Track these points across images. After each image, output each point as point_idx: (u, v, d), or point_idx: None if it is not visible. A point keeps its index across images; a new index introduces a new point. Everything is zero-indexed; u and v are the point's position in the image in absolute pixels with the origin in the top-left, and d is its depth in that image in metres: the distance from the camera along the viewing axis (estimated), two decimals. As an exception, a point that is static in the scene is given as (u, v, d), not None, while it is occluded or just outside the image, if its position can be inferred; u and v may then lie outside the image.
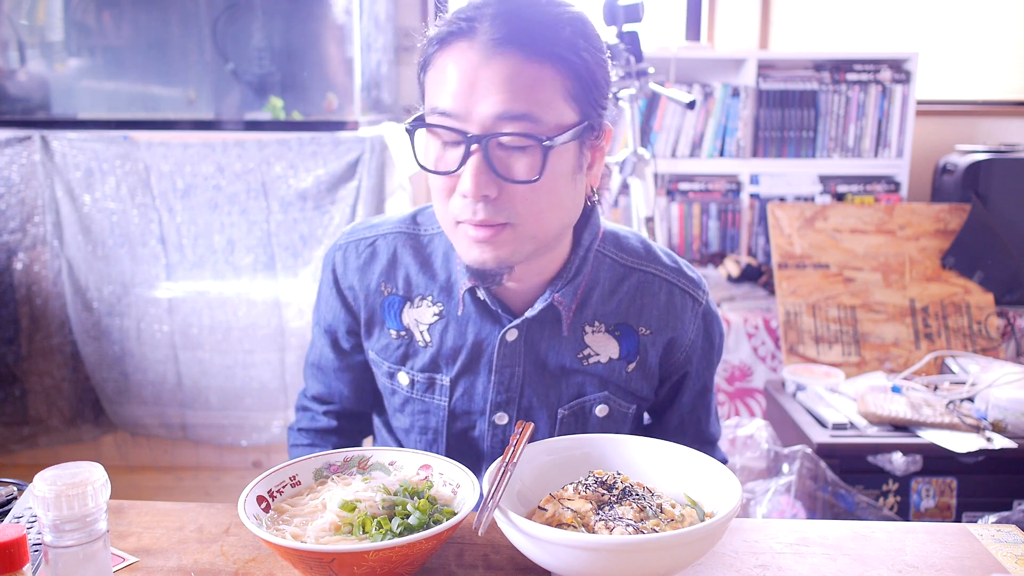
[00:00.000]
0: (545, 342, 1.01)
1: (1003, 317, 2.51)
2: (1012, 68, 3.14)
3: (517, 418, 1.04)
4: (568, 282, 0.99)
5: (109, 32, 2.43)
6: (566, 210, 0.92)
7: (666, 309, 1.03)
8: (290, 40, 2.42)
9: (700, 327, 1.05)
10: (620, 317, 1.02)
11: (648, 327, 1.03)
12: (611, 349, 1.02)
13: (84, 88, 2.44)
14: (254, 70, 2.40)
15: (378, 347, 1.07)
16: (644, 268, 1.04)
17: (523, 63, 0.84)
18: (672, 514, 0.79)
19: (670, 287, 1.04)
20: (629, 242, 1.05)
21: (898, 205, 2.64)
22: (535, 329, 1.01)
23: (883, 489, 1.89)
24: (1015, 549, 0.85)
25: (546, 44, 0.84)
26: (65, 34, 2.41)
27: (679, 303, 1.04)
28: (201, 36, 2.39)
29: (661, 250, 1.08)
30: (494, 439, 1.05)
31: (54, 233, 2.25)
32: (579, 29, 0.87)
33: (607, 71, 0.91)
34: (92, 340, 2.28)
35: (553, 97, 0.85)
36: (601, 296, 1.02)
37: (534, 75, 0.84)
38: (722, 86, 2.89)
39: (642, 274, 1.03)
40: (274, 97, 2.38)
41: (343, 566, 0.71)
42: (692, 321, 1.04)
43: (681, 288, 1.04)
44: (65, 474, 0.64)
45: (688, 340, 1.04)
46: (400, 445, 1.12)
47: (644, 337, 1.02)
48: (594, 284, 1.01)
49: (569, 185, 0.90)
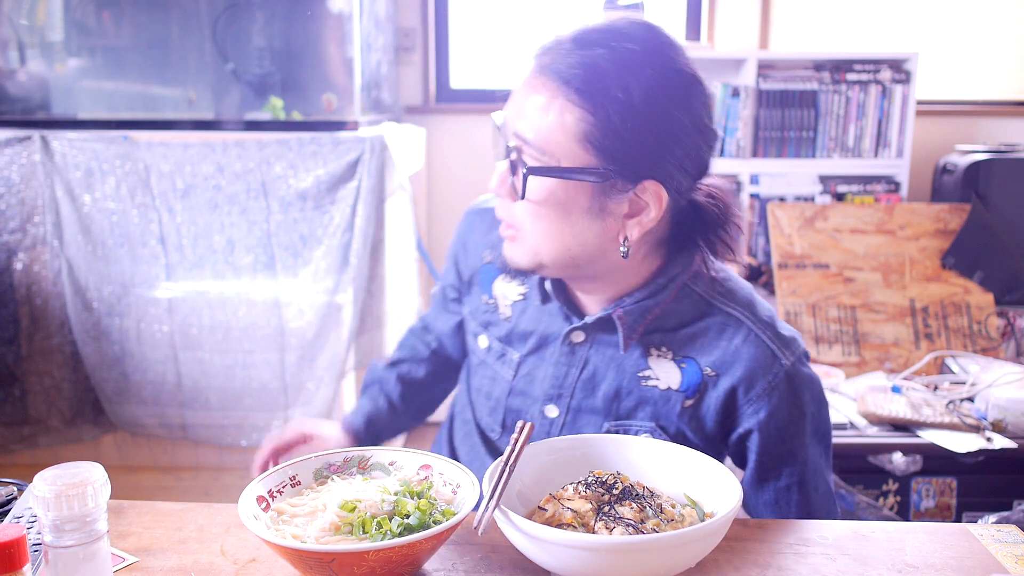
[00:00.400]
0: (609, 353, 1.02)
1: (1003, 317, 2.51)
2: (1012, 68, 3.14)
3: (566, 417, 1.05)
4: (637, 303, 0.98)
5: (109, 32, 2.43)
6: (572, 243, 0.93)
7: (735, 354, 0.97)
8: (290, 40, 2.42)
9: (783, 392, 0.97)
10: (688, 350, 0.99)
11: (713, 368, 0.98)
12: (672, 378, 1.00)
13: (84, 88, 2.44)
14: (254, 70, 2.40)
15: (471, 307, 1.17)
16: (729, 310, 1.00)
17: (550, 97, 0.89)
18: (672, 514, 0.79)
19: (748, 333, 0.98)
20: (728, 286, 1.02)
21: (898, 205, 2.64)
22: (603, 339, 1.02)
23: (883, 489, 1.89)
24: (1015, 549, 0.85)
25: (581, 85, 0.87)
26: (65, 34, 2.41)
27: (753, 353, 0.97)
28: (201, 36, 2.39)
29: (764, 307, 1.02)
30: (540, 428, 1.07)
31: (54, 233, 2.25)
32: (629, 79, 0.86)
33: (672, 138, 0.89)
34: (92, 340, 2.28)
35: (562, 135, 0.88)
36: (675, 324, 1.00)
37: (553, 109, 0.88)
38: (722, 86, 2.89)
39: (726, 315, 0.99)
40: (274, 97, 2.38)
41: (343, 566, 0.71)
42: (764, 377, 0.96)
43: (763, 340, 0.97)
44: (65, 474, 0.64)
45: (754, 396, 0.97)
46: (470, 403, 1.18)
47: (708, 377, 0.98)
48: (671, 312, 1.00)
49: (579, 221, 0.92)
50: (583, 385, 1.04)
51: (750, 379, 0.97)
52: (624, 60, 0.87)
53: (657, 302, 0.99)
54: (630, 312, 0.98)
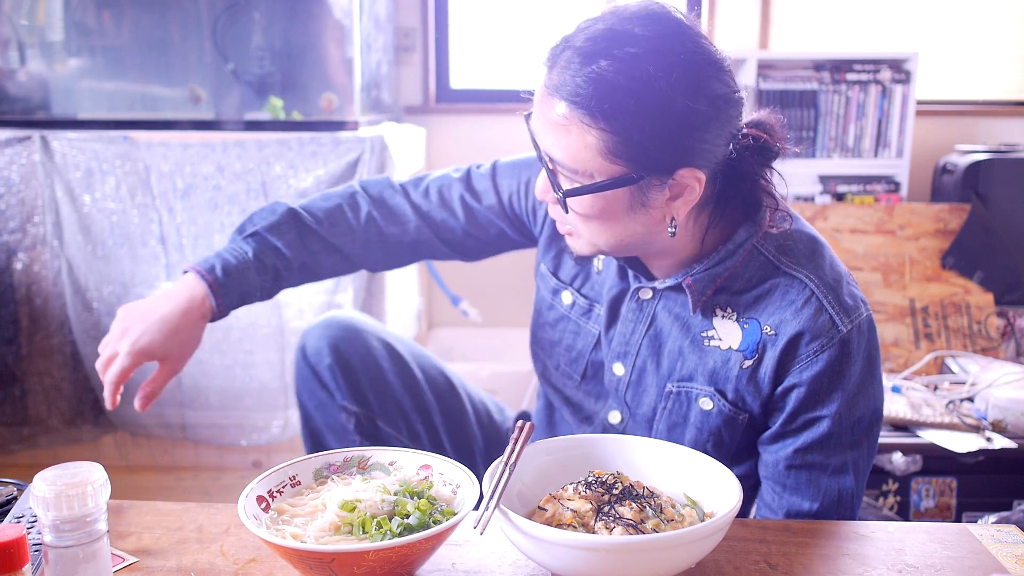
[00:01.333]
0: (676, 312, 1.06)
1: (1003, 317, 2.51)
2: (1012, 68, 3.14)
3: (631, 375, 1.10)
4: (707, 269, 1.01)
5: (109, 32, 2.43)
6: (624, 235, 0.98)
7: (795, 315, 0.98)
8: (290, 40, 2.42)
9: (833, 356, 0.97)
10: (752, 311, 1.02)
11: (773, 327, 0.99)
12: (733, 338, 1.02)
13: (84, 88, 2.44)
14: (254, 70, 2.39)
15: (551, 262, 1.19)
16: (793, 272, 1.01)
17: (565, 116, 0.90)
18: (672, 514, 0.79)
19: (811, 296, 0.98)
20: (795, 247, 1.03)
21: (898, 205, 2.64)
22: (670, 299, 1.06)
23: (883, 489, 1.89)
24: (1015, 549, 0.85)
25: (592, 102, 0.88)
26: (65, 34, 2.41)
27: (811, 315, 0.97)
28: (201, 36, 2.39)
29: (832, 268, 1.02)
30: (609, 384, 1.13)
31: (54, 233, 2.25)
32: (639, 88, 0.87)
33: (695, 127, 0.90)
34: (92, 340, 2.28)
35: (587, 153, 0.91)
36: (741, 287, 1.02)
37: (572, 132, 0.90)
38: (722, 86, 2.89)
39: (789, 277, 1.01)
40: (274, 97, 2.38)
41: (343, 566, 0.71)
42: (818, 339, 0.97)
43: (824, 304, 0.98)
44: (65, 474, 0.64)
45: (806, 354, 0.98)
46: (539, 360, 1.22)
47: (767, 336, 1.00)
48: (739, 275, 1.02)
49: (625, 218, 0.96)
50: (649, 343, 1.07)
51: (806, 339, 0.97)
52: (629, 68, 0.87)
53: (725, 268, 1.01)
54: (699, 280, 1.01)
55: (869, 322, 1.00)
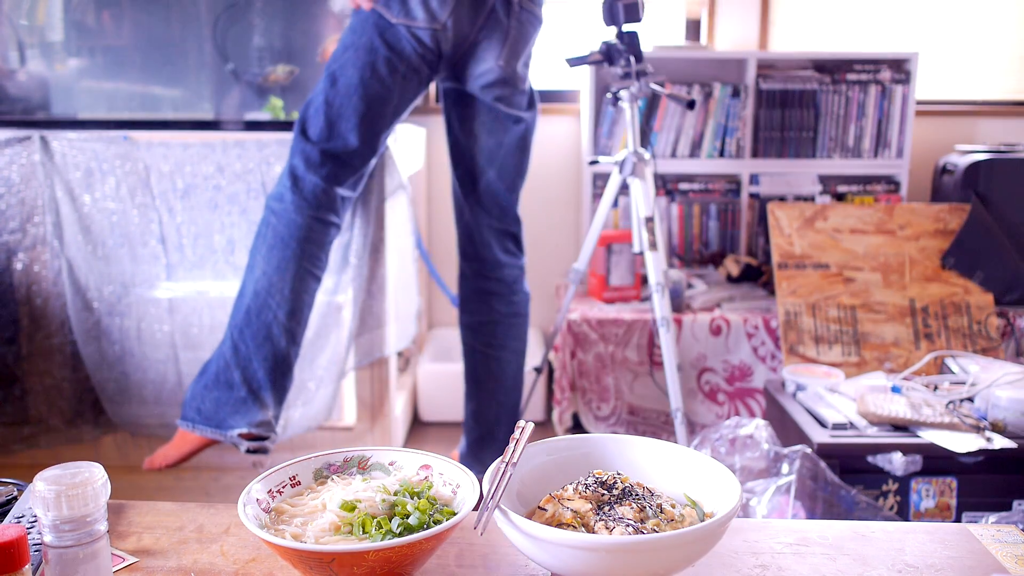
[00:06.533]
0: None
1: (1003, 317, 2.51)
2: (1012, 68, 3.14)
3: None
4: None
5: (109, 32, 2.43)
6: None
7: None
8: (290, 40, 2.42)
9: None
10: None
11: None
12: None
13: (84, 88, 2.44)
14: (254, 70, 2.40)
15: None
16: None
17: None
18: (672, 514, 0.79)
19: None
20: None
21: (898, 205, 2.64)
22: None
23: (883, 489, 1.89)
24: (1015, 549, 0.85)
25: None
26: (65, 34, 2.42)
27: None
28: (201, 36, 2.39)
29: None
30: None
31: (54, 233, 2.25)
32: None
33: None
34: (92, 340, 2.28)
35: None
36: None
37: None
38: (722, 86, 2.89)
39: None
40: (274, 97, 2.38)
41: (343, 566, 0.71)
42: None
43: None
44: (65, 474, 0.64)
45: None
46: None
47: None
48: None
49: None
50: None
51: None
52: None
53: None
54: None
55: None
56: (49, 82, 2.43)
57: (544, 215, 3.17)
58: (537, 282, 3.16)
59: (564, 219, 3.20)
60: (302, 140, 1.82)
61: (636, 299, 2.75)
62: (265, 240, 1.81)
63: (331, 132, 1.81)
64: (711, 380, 2.60)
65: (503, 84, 1.84)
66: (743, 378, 2.58)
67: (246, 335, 1.79)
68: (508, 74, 1.84)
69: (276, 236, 1.80)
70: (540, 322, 3.22)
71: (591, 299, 2.78)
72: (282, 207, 1.81)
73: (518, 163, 1.95)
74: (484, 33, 1.77)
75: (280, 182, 1.84)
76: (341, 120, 1.80)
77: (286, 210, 1.80)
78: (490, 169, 1.93)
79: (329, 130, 1.80)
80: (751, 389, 2.59)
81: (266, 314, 1.79)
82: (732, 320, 2.55)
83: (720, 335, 2.57)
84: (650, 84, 2.10)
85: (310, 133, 1.82)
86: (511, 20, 1.78)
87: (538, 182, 3.12)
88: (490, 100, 1.86)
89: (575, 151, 3.14)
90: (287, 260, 1.79)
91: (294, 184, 1.81)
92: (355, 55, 1.78)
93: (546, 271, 3.19)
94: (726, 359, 2.58)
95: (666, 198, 2.99)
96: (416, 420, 2.91)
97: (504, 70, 1.82)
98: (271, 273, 1.79)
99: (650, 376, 2.58)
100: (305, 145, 1.82)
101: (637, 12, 2.01)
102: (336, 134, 1.81)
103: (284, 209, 1.80)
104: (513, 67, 1.84)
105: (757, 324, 2.56)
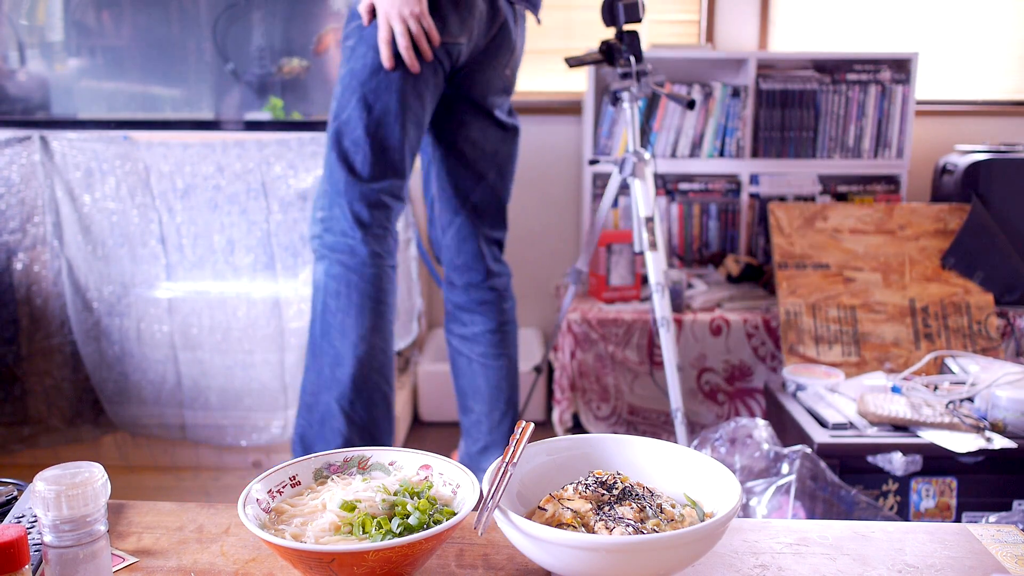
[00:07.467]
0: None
1: (1003, 317, 2.51)
2: (1012, 68, 3.14)
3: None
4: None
5: (109, 32, 2.43)
6: None
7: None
8: (290, 40, 2.42)
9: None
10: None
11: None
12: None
13: (84, 88, 2.44)
14: (254, 70, 2.40)
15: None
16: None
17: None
18: (672, 514, 0.79)
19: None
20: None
21: (898, 205, 2.64)
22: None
23: (883, 489, 1.89)
24: (1015, 549, 0.85)
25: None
26: (65, 34, 2.42)
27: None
28: (201, 36, 2.39)
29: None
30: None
31: (54, 233, 2.25)
32: None
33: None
34: (92, 340, 2.28)
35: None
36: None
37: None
38: (722, 86, 2.89)
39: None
40: (274, 97, 2.38)
41: (343, 566, 0.71)
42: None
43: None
44: (65, 474, 0.64)
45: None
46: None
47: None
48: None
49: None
50: None
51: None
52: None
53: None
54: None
55: None
56: (49, 82, 2.43)
57: (544, 215, 3.17)
58: (537, 282, 3.16)
59: (564, 219, 3.20)
60: (352, 179, 1.65)
61: (636, 299, 2.75)
62: (351, 301, 1.65)
63: (384, 167, 1.66)
64: (711, 380, 2.60)
65: (505, 92, 1.85)
66: (743, 378, 2.58)
67: (358, 407, 1.67)
68: (511, 83, 1.84)
69: (363, 296, 1.65)
70: (540, 322, 3.22)
71: (591, 299, 2.78)
72: (357, 262, 1.65)
73: (513, 169, 1.95)
74: (495, 43, 1.75)
75: (338, 229, 1.66)
76: (391, 151, 1.65)
77: (363, 264, 1.65)
78: (490, 175, 1.91)
79: (381, 166, 1.66)
80: (751, 389, 2.59)
81: (374, 377, 1.67)
82: (732, 320, 2.55)
83: (720, 335, 2.57)
84: (650, 84, 2.10)
85: (359, 170, 1.65)
86: (518, 29, 1.79)
87: (538, 182, 3.12)
88: (490, 107, 1.84)
89: (575, 151, 3.14)
90: (381, 317, 1.67)
91: (365, 233, 1.65)
92: (386, 77, 1.62)
93: (546, 271, 3.19)
94: (726, 359, 2.58)
95: (666, 198, 2.99)
96: (416, 420, 2.91)
97: (510, 79, 1.83)
98: (369, 337, 1.65)
99: (650, 376, 2.58)
100: (361, 186, 1.65)
101: (637, 12, 2.01)
102: (390, 169, 1.67)
103: (361, 263, 1.65)
104: (515, 75, 1.85)
105: (757, 324, 2.55)
